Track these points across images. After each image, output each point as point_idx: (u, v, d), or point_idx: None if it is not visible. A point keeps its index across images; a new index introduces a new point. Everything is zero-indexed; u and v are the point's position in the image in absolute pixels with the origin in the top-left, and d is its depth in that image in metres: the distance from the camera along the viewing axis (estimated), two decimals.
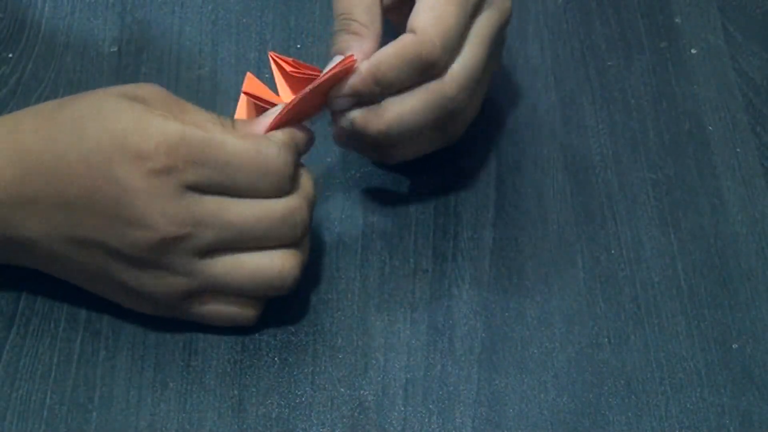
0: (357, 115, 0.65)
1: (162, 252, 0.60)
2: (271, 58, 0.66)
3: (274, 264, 0.62)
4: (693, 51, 0.77)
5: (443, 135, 0.67)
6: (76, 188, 0.59)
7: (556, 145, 0.72)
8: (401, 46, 0.64)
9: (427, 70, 0.64)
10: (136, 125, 0.59)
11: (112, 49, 0.76)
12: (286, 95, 0.66)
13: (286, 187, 0.61)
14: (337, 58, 0.64)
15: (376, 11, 0.66)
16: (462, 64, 0.65)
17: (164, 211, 0.59)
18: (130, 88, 0.61)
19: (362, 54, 0.64)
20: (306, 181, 0.63)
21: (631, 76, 0.75)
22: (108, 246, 0.60)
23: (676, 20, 0.78)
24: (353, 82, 0.64)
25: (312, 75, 0.65)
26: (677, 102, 0.74)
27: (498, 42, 0.68)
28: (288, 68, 0.65)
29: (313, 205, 0.63)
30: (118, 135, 0.59)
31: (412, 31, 0.64)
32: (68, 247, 0.61)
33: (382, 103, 0.64)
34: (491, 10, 0.67)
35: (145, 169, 0.58)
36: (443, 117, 0.65)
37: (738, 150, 0.72)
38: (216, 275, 0.61)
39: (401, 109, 0.64)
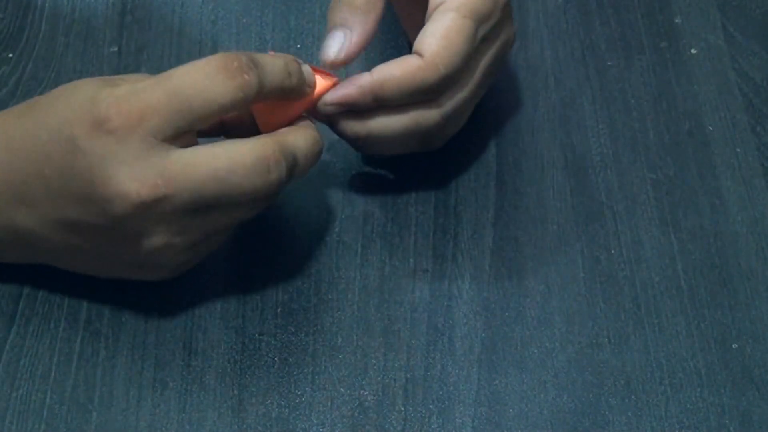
0: (341, 117, 0.65)
1: (146, 219, 0.58)
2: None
3: (264, 202, 0.61)
4: (693, 51, 0.77)
5: (421, 146, 0.68)
6: (52, 169, 0.59)
7: (556, 145, 0.72)
8: (407, 69, 0.63)
9: (427, 95, 0.64)
10: (93, 95, 0.58)
11: (112, 49, 0.76)
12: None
13: (241, 81, 0.58)
14: (320, 81, 0.64)
15: None
16: (457, 97, 0.65)
17: (134, 174, 0.57)
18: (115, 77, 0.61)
19: (360, 34, 0.64)
20: (293, 133, 0.61)
21: (631, 76, 0.75)
22: (96, 225, 0.59)
23: (676, 20, 0.78)
24: (351, 93, 0.64)
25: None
26: (677, 102, 0.74)
27: (497, 68, 0.68)
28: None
29: (291, 158, 0.60)
30: (78, 107, 0.58)
31: (420, 54, 0.64)
32: (62, 233, 0.60)
33: (367, 118, 0.64)
34: (497, 42, 0.67)
35: (105, 134, 0.57)
36: (424, 136, 0.66)
37: (738, 150, 0.72)
38: (208, 227, 0.61)
39: (385, 124, 0.65)
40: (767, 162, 0.72)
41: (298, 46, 0.76)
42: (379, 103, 0.64)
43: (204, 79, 0.58)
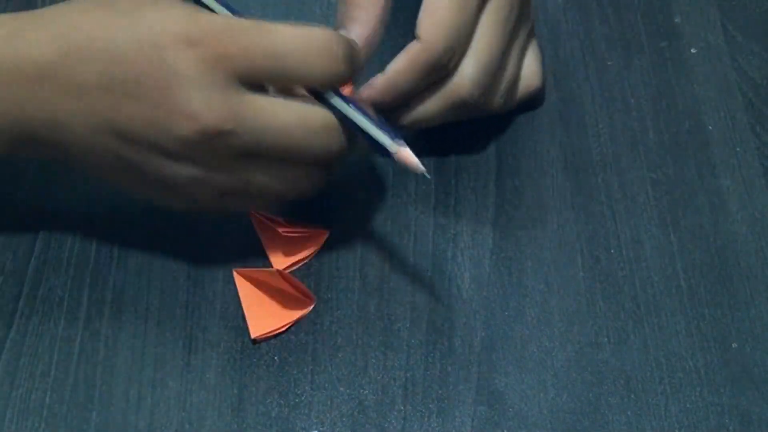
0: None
1: (202, 146, 0.59)
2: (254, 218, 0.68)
3: (307, 177, 0.63)
4: (693, 51, 0.77)
5: (479, 111, 0.69)
6: (124, 72, 0.58)
7: (556, 145, 0.72)
8: (410, 57, 0.64)
9: (437, 72, 0.65)
10: (190, 14, 0.59)
11: None
12: (275, 257, 0.67)
13: (340, 69, 0.60)
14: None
15: None
16: (471, 61, 0.66)
17: (209, 101, 0.58)
18: None
19: (363, 29, 0.65)
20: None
21: (631, 76, 0.76)
22: (148, 137, 0.59)
23: (676, 20, 0.78)
24: (371, 95, 0.65)
25: (305, 232, 0.67)
26: (677, 102, 0.74)
27: (515, 24, 0.68)
28: (280, 228, 0.66)
29: (343, 148, 0.63)
30: (172, 22, 0.58)
31: (418, 38, 0.65)
32: (106, 137, 0.60)
33: (406, 108, 0.67)
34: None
35: (195, 56, 0.58)
36: (466, 109, 0.67)
37: (738, 150, 0.72)
38: (253, 179, 0.61)
39: (423, 112, 0.67)
40: (767, 162, 0.72)
41: None
42: (402, 97, 0.65)
43: (306, 53, 0.59)
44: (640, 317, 0.65)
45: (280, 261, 0.67)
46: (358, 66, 0.62)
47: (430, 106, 0.67)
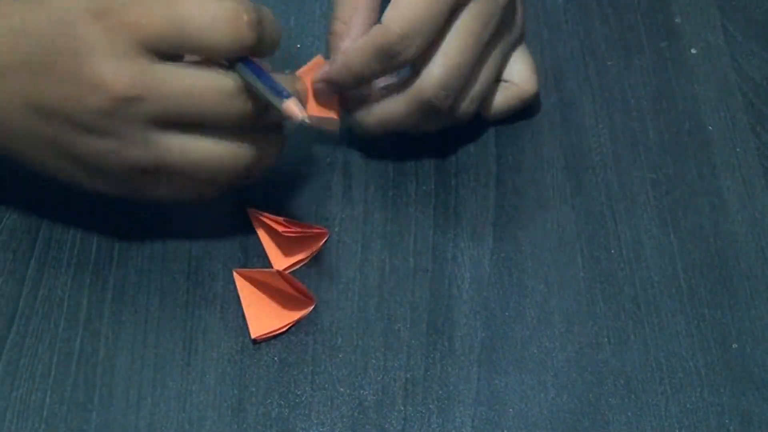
0: (353, 113, 0.69)
1: (115, 116, 0.60)
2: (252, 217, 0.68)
3: (228, 149, 0.62)
4: (693, 51, 0.77)
5: (445, 119, 0.69)
6: (39, 48, 0.60)
7: (556, 145, 0.72)
8: (367, 37, 0.66)
9: (391, 58, 0.65)
10: None
11: None
12: (275, 258, 0.67)
13: (244, 36, 0.60)
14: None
15: (360, 5, 0.68)
16: (439, 62, 0.66)
17: (117, 69, 0.59)
18: None
19: (340, 54, 0.67)
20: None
21: (631, 76, 0.76)
22: (64, 111, 0.60)
23: (676, 20, 0.78)
24: (328, 71, 0.67)
25: (305, 232, 0.67)
26: (677, 102, 0.74)
27: (494, 31, 0.68)
28: (280, 228, 0.66)
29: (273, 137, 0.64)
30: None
31: (380, 23, 0.66)
32: (26, 116, 0.61)
33: (371, 105, 0.67)
34: (476, 2, 0.67)
35: (102, 26, 0.59)
36: (430, 113, 0.67)
37: (738, 150, 0.72)
38: (169, 151, 0.61)
39: (387, 110, 0.68)
40: (767, 162, 0.72)
41: (298, 46, 0.77)
42: (354, 77, 0.66)
43: (210, 21, 0.59)
44: (640, 318, 0.65)
45: (280, 261, 0.67)
46: (270, 37, 0.61)
47: (396, 106, 0.67)
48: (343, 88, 0.67)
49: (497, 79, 0.71)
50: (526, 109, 0.73)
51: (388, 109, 0.68)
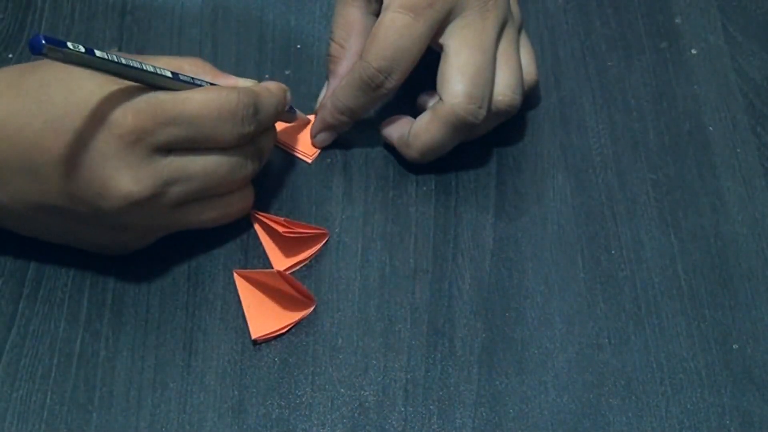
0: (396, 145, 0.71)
1: (136, 213, 0.61)
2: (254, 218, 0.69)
3: (234, 205, 0.66)
4: (693, 51, 0.77)
5: (489, 126, 0.70)
6: (44, 155, 0.60)
7: (556, 145, 0.72)
8: (349, 73, 0.68)
9: (375, 90, 0.68)
10: (102, 90, 0.59)
11: (112, 49, 0.76)
12: (276, 258, 0.67)
13: (245, 129, 0.63)
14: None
15: (354, 28, 0.70)
16: (456, 78, 0.67)
17: (135, 176, 0.60)
18: None
19: (335, 79, 0.70)
20: (263, 138, 0.66)
21: (631, 76, 0.75)
22: (79, 213, 0.61)
23: (676, 20, 0.78)
24: (322, 115, 0.70)
25: (305, 233, 0.67)
26: (677, 102, 0.74)
27: (498, 28, 0.69)
28: (281, 229, 0.66)
29: (261, 157, 0.66)
30: (85, 101, 0.59)
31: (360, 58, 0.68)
32: (37, 213, 0.62)
33: (408, 138, 0.69)
34: (457, 20, 0.67)
35: (115, 135, 0.59)
36: (468, 127, 0.68)
37: (738, 150, 0.72)
38: (187, 221, 0.65)
39: (424, 141, 0.68)
40: (767, 162, 0.72)
41: (298, 46, 0.76)
42: (349, 114, 0.69)
43: (216, 118, 0.62)
44: (640, 318, 0.65)
45: (280, 262, 0.67)
46: (268, 118, 0.65)
47: (432, 135, 0.68)
48: (341, 128, 0.70)
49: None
50: (526, 109, 0.73)
51: (424, 139, 0.68)
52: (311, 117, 0.72)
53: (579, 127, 0.73)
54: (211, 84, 0.64)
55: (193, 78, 0.63)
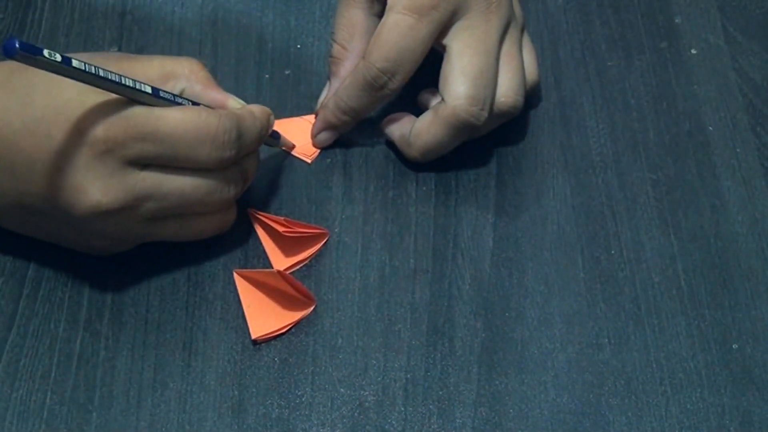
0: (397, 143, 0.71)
1: (109, 222, 0.61)
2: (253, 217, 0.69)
3: (214, 224, 0.66)
4: (693, 51, 0.77)
5: (490, 126, 0.70)
6: (21, 156, 0.60)
7: (556, 145, 0.72)
8: (353, 74, 0.69)
9: (378, 90, 0.68)
10: (81, 98, 0.59)
11: (112, 49, 0.76)
12: (276, 258, 0.67)
13: (225, 153, 0.62)
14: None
15: (357, 29, 0.70)
16: (459, 80, 0.67)
17: (104, 187, 0.60)
18: (86, 55, 0.61)
19: (336, 80, 0.70)
20: (246, 161, 0.65)
21: (631, 76, 0.75)
22: (55, 216, 0.61)
23: (676, 20, 0.78)
24: (324, 115, 0.70)
25: (305, 233, 0.67)
26: (677, 102, 0.74)
27: (502, 29, 0.69)
28: (281, 228, 0.66)
29: (245, 181, 0.66)
30: (63, 107, 0.59)
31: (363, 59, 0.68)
32: (19, 212, 0.62)
33: (410, 138, 0.69)
34: (461, 22, 0.68)
35: (86, 144, 0.59)
36: (470, 128, 0.68)
37: (738, 150, 0.72)
38: (165, 234, 0.65)
39: (426, 141, 0.69)
40: (767, 162, 0.72)
41: (298, 46, 0.76)
42: (353, 114, 0.69)
43: (193, 140, 0.61)
44: (640, 318, 0.65)
45: (280, 262, 0.67)
46: (251, 142, 0.64)
47: (434, 135, 0.68)
48: (343, 128, 0.70)
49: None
50: (526, 109, 0.73)
51: (426, 139, 0.69)
52: (296, 145, 0.71)
53: (579, 127, 0.73)
54: (194, 104, 0.63)
55: (174, 96, 0.62)
